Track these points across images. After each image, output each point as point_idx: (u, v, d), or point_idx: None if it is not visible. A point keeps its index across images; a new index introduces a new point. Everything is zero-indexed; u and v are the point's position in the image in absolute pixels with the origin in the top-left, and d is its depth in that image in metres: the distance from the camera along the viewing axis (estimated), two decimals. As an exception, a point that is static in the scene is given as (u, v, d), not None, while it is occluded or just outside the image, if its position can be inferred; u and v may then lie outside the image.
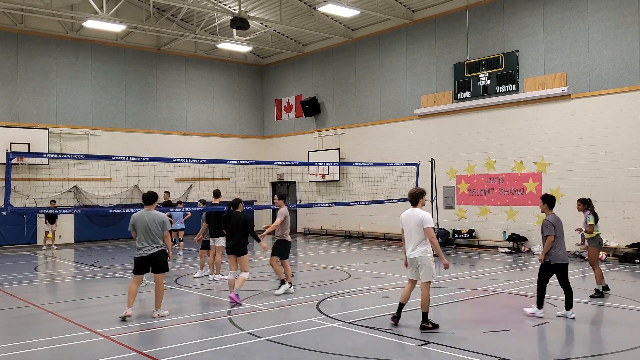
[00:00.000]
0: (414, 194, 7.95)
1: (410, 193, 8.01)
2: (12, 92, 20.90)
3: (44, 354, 7.15)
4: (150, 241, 8.75)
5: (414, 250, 7.80)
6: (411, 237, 7.83)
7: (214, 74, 26.04)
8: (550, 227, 8.36)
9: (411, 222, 7.82)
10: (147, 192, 9.13)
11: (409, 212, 7.95)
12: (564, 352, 7.03)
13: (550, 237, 8.34)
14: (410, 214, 7.89)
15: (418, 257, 7.78)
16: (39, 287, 12.86)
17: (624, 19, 15.31)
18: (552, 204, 8.70)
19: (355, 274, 13.21)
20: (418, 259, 7.78)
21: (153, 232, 8.75)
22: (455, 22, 19.21)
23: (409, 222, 7.86)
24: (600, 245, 10.61)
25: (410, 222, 7.84)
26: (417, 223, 7.75)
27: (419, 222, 7.74)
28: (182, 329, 8.14)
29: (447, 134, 19.46)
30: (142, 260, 8.82)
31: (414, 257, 7.81)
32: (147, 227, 8.74)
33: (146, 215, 8.82)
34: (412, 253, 7.82)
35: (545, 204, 8.66)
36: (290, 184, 26.12)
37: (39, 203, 20.54)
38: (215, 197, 13.17)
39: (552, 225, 8.37)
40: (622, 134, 15.31)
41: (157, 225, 8.79)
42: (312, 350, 6.89)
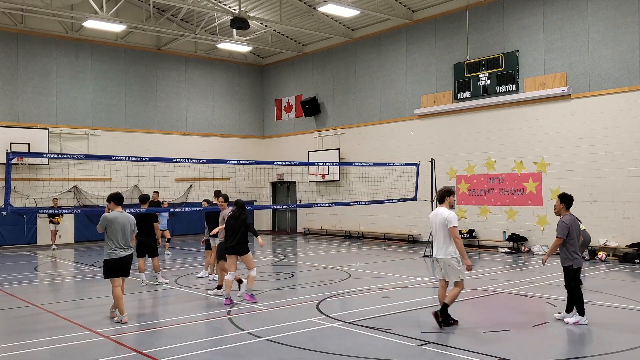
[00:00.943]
0: (440, 192, 8.03)
1: (438, 190, 8.11)
2: (12, 92, 20.90)
3: (44, 354, 7.16)
4: (124, 243, 8.62)
5: (438, 251, 7.85)
6: (435, 238, 7.89)
7: (214, 74, 26.05)
8: (565, 230, 7.90)
9: (437, 221, 7.85)
10: (116, 193, 8.95)
11: (435, 210, 8.01)
12: (564, 352, 7.03)
13: (559, 240, 7.94)
14: (436, 212, 7.93)
15: (440, 258, 7.82)
16: (39, 287, 12.86)
17: (624, 19, 15.31)
18: (570, 203, 8.20)
19: (355, 274, 13.21)
20: (440, 260, 7.83)
21: (128, 234, 8.67)
22: (455, 22, 19.21)
23: (435, 221, 7.89)
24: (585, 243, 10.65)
25: (436, 220, 7.86)
26: (441, 222, 7.76)
27: (443, 221, 7.74)
28: (182, 329, 8.14)
29: (447, 134, 19.47)
30: (119, 262, 8.58)
31: (437, 257, 7.88)
32: (124, 229, 8.60)
33: (122, 217, 8.66)
34: (436, 254, 7.88)
35: (562, 204, 8.17)
36: (290, 184, 26.12)
37: (39, 203, 20.53)
38: (216, 197, 13.17)
39: (567, 228, 7.91)
40: (622, 134, 15.31)
41: (132, 227, 8.73)
42: (312, 350, 6.89)
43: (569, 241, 7.94)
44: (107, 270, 8.63)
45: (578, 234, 8.05)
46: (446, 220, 7.70)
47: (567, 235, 7.92)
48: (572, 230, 7.93)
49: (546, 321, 8.29)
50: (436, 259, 7.89)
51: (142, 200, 12.28)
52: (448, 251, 7.71)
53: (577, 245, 7.99)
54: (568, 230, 7.91)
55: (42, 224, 21.00)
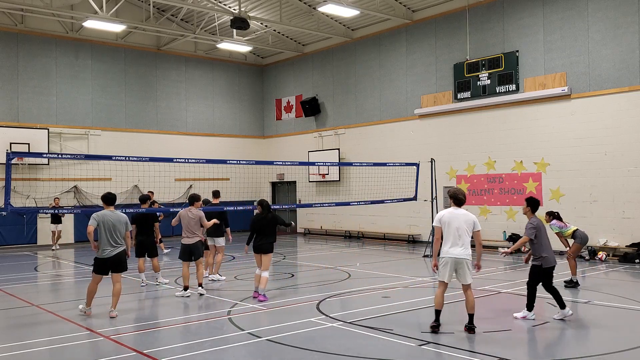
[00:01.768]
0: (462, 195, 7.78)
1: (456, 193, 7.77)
2: (12, 92, 20.90)
3: (44, 354, 7.16)
4: (114, 242, 8.80)
5: (461, 251, 7.54)
6: (458, 238, 7.55)
7: (214, 74, 26.04)
8: (532, 230, 8.37)
9: (463, 222, 7.59)
10: (108, 193, 9.15)
11: (454, 210, 7.71)
12: (563, 352, 7.03)
13: (525, 238, 8.44)
14: (458, 213, 7.66)
15: (462, 258, 7.54)
16: (39, 287, 12.86)
17: (624, 19, 15.31)
18: (535, 208, 8.72)
19: (355, 274, 13.21)
20: (462, 260, 7.55)
21: (118, 233, 8.83)
22: (455, 22, 19.21)
23: (458, 222, 7.58)
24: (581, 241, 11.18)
25: (462, 221, 7.59)
26: (469, 224, 7.61)
27: (472, 223, 7.63)
28: (182, 329, 8.14)
29: (447, 134, 19.46)
30: (107, 261, 8.84)
31: (459, 257, 7.54)
32: (113, 227, 8.78)
33: (111, 216, 8.85)
34: (459, 254, 7.53)
35: (529, 207, 8.69)
36: (290, 184, 26.12)
37: (39, 203, 20.53)
38: (215, 197, 13.21)
39: (534, 228, 8.37)
40: (622, 134, 15.31)
41: (122, 226, 8.89)
42: (312, 350, 6.89)
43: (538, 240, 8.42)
44: (94, 266, 9.03)
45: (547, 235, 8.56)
46: (475, 223, 7.65)
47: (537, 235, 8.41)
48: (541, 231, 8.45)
49: (546, 321, 8.29)
50: (456, 259, 7.53)
51: (142, 200, 12.37)
52: (468, 252, 7.58)
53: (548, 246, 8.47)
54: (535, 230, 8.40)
55: (42, 223, 20.99)
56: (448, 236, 7.58)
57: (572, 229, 11.23)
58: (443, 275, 7.64)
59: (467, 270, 7.57)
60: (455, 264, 7.56)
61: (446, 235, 7.61)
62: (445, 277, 7.62)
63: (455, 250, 7.54)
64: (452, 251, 7.55)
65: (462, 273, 7.60)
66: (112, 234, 8.79)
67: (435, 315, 7.66)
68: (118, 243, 8.85)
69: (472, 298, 7.65)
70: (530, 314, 8.37)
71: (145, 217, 11.87)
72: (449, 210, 7.76)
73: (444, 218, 7.67)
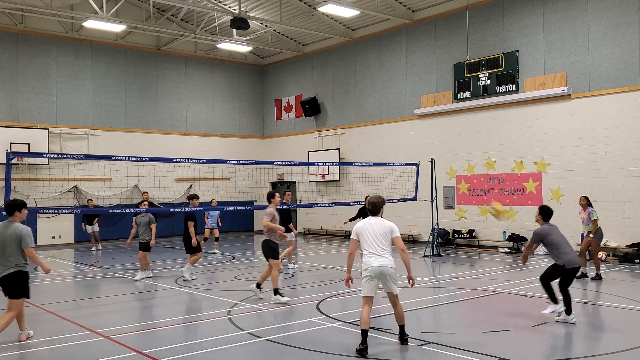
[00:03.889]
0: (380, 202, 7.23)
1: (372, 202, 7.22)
2: (12, 92, 20.90)
3: (44, 354, 7.16)
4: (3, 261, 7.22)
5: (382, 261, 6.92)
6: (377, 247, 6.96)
7: (214, 74, 26.04)
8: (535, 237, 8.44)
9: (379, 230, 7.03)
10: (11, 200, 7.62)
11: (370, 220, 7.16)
12: (563, 352, 7.03)
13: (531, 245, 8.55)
14: (372, 222, 7.10)
15: (387, 267, 6.93)
16: (39, 287, 12.85)
17: (624, 19, 15.32)
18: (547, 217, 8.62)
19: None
20: (386, 269, 6.93)
21: (7, 250, 7.19)
22: (455, 22, 19.21)
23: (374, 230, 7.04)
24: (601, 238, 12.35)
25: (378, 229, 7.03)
26: (386, 231, 7.03)
27: (389, 231, 7.05)
28: (182, 329, 8.14)
29: (447, 134, 19.46)
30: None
31: (382, 267, 6.90)
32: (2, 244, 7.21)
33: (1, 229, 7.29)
34: (381, 263, 6.91)
35: (540, 216, 8.65)
36: (290, 184, 26.12)
37: (39, 203, 20.52)
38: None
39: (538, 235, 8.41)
40: (622, 134, 15.30)
41: (13, 242, 7.20)
42: (312, 350, 6.89)
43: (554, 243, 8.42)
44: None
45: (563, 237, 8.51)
46: (392, 230, 7.06)
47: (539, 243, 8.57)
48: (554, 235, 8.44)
49: (546, 321, 8.28)
50: (378, 270, 6.89)
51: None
52: (391, 261, 6.97)
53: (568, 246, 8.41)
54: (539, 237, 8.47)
55: (42, 224, 20.99)
56: (367, 247, 7.01)
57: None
58: (366, 290, 6.98)
59: (391, 280, 6.96)
60: (378, 275, 6.93)
61: (365, 246, 7.04)
62: (370, 291, 6.98)
63: (375, 260, 6.92)
64: (373, 262, 6.92)
65: (387, 283, 6.97)
66: (3, 252, 7.20)
67: (362, 337, 6.79)
68: (8, 263, 7.21)
69: (401, 310, 7.11)
70: (559, 307, 8.15)
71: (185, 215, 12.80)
72: (365, 221, 7.20)
73: (359, 230, 7.12)
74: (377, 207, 7.21)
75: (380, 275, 6.93)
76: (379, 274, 6.92)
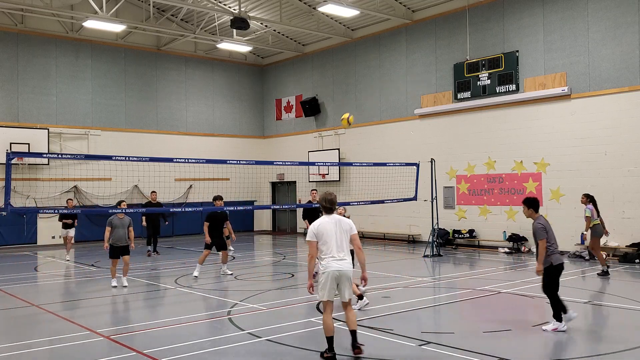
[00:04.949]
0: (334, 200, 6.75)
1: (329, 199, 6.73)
2: (12, 92, 20.90)
3: (44, 354, 7.16)
4: None
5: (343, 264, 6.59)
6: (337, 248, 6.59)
7: (214, 74, 26.04)
8: (543, 231, 7.77)
9: (340, 228, 6.66)
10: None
11: (325, 219, 6.70)
12: (563, 352, 7.03)
13: (544, 241, 7.74)
14: (330, 221, 6.68)
15: (347, 271, 6.61)
16: (39, 287, 12.86)
17: (624, 19, 15.32)
18: (537, 207, 8.08)
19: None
20: (346, 273, 6.60)
21: None
22: (455, 22, 19.21)
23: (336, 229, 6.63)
24: (599, 235, 12.66)
25: (338, 228, 6.65)
26: (344, 229, 6.68)
27: (348, 228, 6.71)
28: (182, 329, 8.14)
29: (447, 134, 19.47)
30: None
31: (342, 270, 6.57)
32: None
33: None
34: (342, 267, 6.57)
35: (530, 209, 8.01)
36: (290, 184, 26.12)
37: (39, 203, 20.54)
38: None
39: (545, 229, 7.79)
40: (622, 134, 15.31)
41: None
42: (312, 350, 6.89)
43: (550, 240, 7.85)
44: None
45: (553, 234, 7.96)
46: (351, 227, 6.72)
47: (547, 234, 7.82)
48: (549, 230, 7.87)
49: (546, 321, 8.28)
50: (337, 273, 6.53)
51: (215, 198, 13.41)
52: (350, 262, 6.65)
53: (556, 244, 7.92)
54: (546, 230, 7.80)
55: (42, 224, 21.00)
56: (326, 249, 6.57)
57: (596, 221, 12.64)
58: (325, 295, 6.55)
59: (348, 284, 6.61)
60: (337, 278, 6.55)
61: (324, 248, 6.58)
62: (330, 295, 6.57)
63: (335, 263, 6.54)
64: (333, 264, 6.53)
65: (343, 288, 6.59)
66: None
67: (328, 344, 6.51)
68: None
69: (352, 315, 6.69)
70: (562, 325, 7.66)
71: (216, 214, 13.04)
72: (321, 219, 6.72)
73: (319, 230, 6.61)
74: (335, 203, 6.76)
75: (339, 279, 6.57)
76: (338, 277, 6.56)
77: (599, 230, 12.66)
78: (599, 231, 12.66)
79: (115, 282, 11.56)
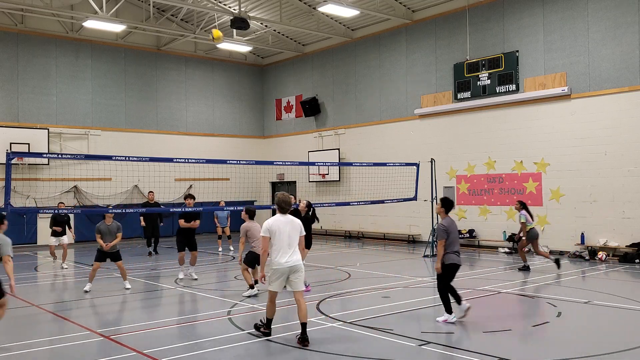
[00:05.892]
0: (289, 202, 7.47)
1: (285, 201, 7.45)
2: (12, 92, 20.90)
3: (44, 354, 7.16)
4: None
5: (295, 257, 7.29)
6: (289, 245, 7.27)
7: (214, 74, 26.04)
8: (443, 233, 8.30)
9: (292, 228, 7.35)
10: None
11: (279, 218, 7.37)
12: (563, 352, 7.03)
13: (442, 242, 8.29)
14: (284, 220, 7.36)
15: (300, 264, 7.35)
16: (39, 287, 12.86)
17: (624, 19, 15.32)
18: (449, 208, 8.64)
19: (355, 274, 13.21)
20: (297, 266, 7.30)
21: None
22: (455, 22, 19.21)
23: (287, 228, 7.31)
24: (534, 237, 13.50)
25: (290, 227, 7.34)
26: (296, 229, 7.37)
27: (299, 229, 7.41)
28: (183, 329, 8.14)
29: (447, 134, 19.47)
30: None
31: (297, 265, 7.28)
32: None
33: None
34: (296, 260, 7.28)
35: (443, 208, 8.62)
36: (290, 184, 26.12)
37: (39, 203, 20.54)
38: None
39: (446, 231, 8.31)
40: (622, 134, 15.30)
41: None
42: (312, 350, 6.89)
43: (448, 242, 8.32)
44: None
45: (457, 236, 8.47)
46: (301, 227, 7.45)
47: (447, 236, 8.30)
48: (451, 232, 8.35)
49: (546, 321, 8.29)
50: (292, 267, 7.22)
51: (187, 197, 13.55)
52: (300, 257, 7.36)
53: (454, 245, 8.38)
54: (447, 232, 8.30)
55: (42, 224, 20.99)
56: (280, 245, 7.23)
57: (532, 225, 13.51)
58: (276, 286, 7.30)
59: (299, 276, 7.30)
60: (290, 272, 7.25)
61: (277, 243, 7.24)
62: (279, 287, 7.32)
63: (290, 258, 7.23)
64: (288, 259, 7.22)
65: (296, 281, 7.28)
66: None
67: (267, 321, 7.50)
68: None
69: (304, 307, 7.24)
70: (451, 317, 8.23)
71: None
72: (275, 218, 7.38)
73: (272, 227, 7.27)
74: (290, 204, 7.48)
75: (291, 274, 7.26)
76: (289, 271, 7.24)
77: (535, 233, 13.53)
78: (535, 234, 13.53)
79: (89, 287, 11.17)
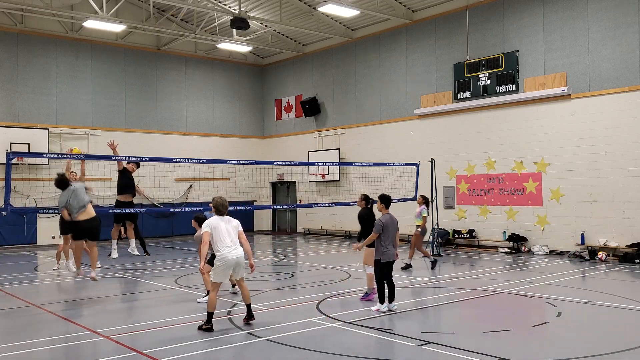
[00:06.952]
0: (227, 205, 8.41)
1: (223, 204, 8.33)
2: (12, 92, 20.89)
3: (44, 354, 7.15)
4: None
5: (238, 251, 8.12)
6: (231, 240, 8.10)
7: (214, 74, 26.04)
8: (379, 227, 8.95)
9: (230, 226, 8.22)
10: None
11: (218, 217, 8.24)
12: (563, 352, 7.02)
13: (374, 235, 8.99)
14: (223, 219, 8.25)
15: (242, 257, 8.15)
16: (39, 287, 12.86)
17: (624, 19, 15.32)
18: (388, 204, 9.41)
19: (355, 274, 13.21)
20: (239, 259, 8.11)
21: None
22: (455, 22, 19.21)
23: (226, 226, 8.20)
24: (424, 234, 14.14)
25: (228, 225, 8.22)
26: (234, 227, 8.24)
27: (237, 225, 8.31)
28: (183, 329, 8.14)
29: (447, 134, 19.47)
30: None
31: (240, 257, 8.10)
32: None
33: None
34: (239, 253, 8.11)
35: (382, 204, 9.36)
36: (290, 184, 26.12)
37: (39, 203, 20.53)
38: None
39: (382, 226, 8.94)
40: (622, 134, 15.31)
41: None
42: (312, 350, 6.89)
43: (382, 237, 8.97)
44: None
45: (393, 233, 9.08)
46: (239, 225, 8.36)
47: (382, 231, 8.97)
48: (387, 228, 8.98)
49: (546, 321, 8.29)
50: (236, 260, 8.05)
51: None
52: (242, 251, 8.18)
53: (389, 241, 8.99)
54: (383, 227, 8.96)
55: (42, 224, 20.99)
56: (222, 240, 8.05)
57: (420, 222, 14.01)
58: (222, 277, 8.09)
59: (242, 267, 8.17)
60: (234, 265, 8.05)
61: (219, 239, 8.05)
62: (224, 278, 8.15)
63: (234, 252, 8.04)
64: (232, 253, 8.03)
65: (239, 270, 8.16)
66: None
67: (208, 317, 7.97)
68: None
69: (247, 291, 8.35)
70: (383, 306, 8.91)
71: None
72: (215, 217, 8.25)
73: (212, 224, 8.13)
74: (227, 208, 8.36)
75: (236, 265, 8.08)
76: (234, 264, 8.04)
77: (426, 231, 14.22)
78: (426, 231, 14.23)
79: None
